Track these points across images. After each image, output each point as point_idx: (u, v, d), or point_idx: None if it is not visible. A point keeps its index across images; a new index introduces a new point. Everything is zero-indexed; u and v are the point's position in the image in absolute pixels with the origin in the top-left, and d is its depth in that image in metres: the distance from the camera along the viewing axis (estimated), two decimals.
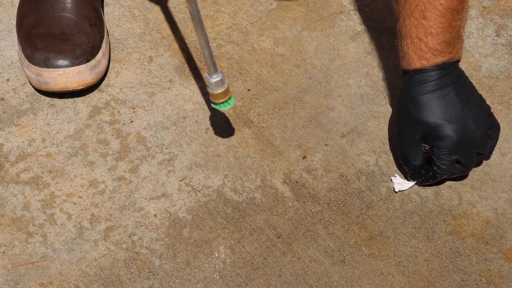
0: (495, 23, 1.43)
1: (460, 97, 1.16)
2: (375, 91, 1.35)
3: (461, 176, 1.24)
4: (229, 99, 1.18)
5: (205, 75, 1.17)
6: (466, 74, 1.19)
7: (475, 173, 1.25)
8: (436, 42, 1.13)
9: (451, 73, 1.16)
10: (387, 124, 1.31)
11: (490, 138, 1.20)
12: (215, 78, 1.16)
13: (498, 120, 1.24)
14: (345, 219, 1.21)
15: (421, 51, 1.15)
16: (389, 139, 1.29)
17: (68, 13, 1.32)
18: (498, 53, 1.38)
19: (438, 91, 1.15)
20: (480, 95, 1.19)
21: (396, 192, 1.23)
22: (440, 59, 1.15)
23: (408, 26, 1.15)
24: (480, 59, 1.38)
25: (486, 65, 1.37)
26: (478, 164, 1.25)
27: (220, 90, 1.17)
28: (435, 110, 1.15)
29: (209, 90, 1.18)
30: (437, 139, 1.16)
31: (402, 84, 1.19)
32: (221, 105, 1.19)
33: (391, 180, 1.24)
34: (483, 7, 1.45)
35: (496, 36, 1.41)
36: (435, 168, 1.18)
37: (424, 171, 1.20)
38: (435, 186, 1.24)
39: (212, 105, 1.20)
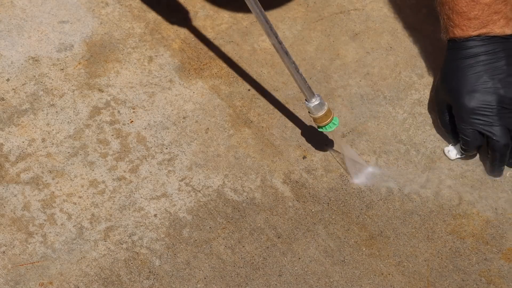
0: None
1: (488, 68, 1.19)
2: (375, 91, 1.35)
3: (461, 176, 1.24)
4: (332, 119, 1.19)
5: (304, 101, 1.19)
6: None
7: (475, 173, 1.25)
8: (462, 19, 1.18)
9: (486, 45, 1.19)
10: (387, 124, 1.31)
11: None
12: (313, 103, 1.17)
13: None
14: (345, 219, 1.21)
15: (451, 27, 1.20)
16: (389, 138, 1.29)
17: None
18: None
19: (463, 60, 1.19)
20: None
21: (452, 159, 1.25)
22: (468, 33, 1.18)
23: (440, 5, 1.21)
24: None
25: None
26: None
27: (321, 113, 1.18)
28: (452, 76, 1.20)
29: (311, 115, 1.19)
30: (453, 105, 1.21)
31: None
32: (326, 126, 1.19)
33: (444, 152, 1.26)
34: None
35: None
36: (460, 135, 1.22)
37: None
38: (435, 186, 1.24)
39: (319, 129, 1.21)
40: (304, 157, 1.27)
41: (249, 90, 1.35)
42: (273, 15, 1.44)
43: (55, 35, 1.42)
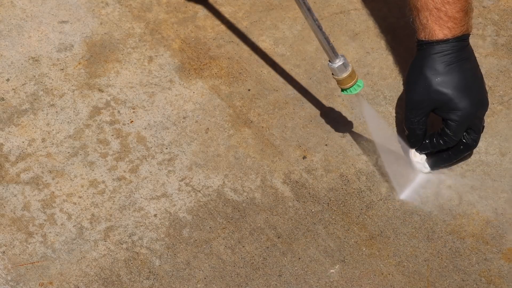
0: (495, 23, 1.43)
1: (474, 72, 1.19)
2: (375, 91, 1.35)
3: (461, 176, 1.24)
4: (357, 81, 1.14)
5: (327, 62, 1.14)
6: None
7: (475, 173, 1.25)
8: (455, 10, 1.16)
9: (467, 47, 1.18)
10: (387, 124, 1.31)
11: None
12: (337, 63, 1.13)
13: (498, 120, 1.24)
14: (345, 219, 1.21)
15: (442, 21, 1.17)
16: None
17: None
18: (498, 53, 1.38)
19: (457, 63, 1.17)
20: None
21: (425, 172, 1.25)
22: (460, 30, 1.17)
23: None
24: (480, 59, 1.38)
25: (486, 65, 1.37)
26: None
27: (344, 75, 1.14)
28: (455, 81, 1.17)
29: (334, 77, 1.14)
30: (452, 110, 1.18)
31: (420, 54, 1.19)
32: (350, 89, 1.14)
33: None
34: (483, 7, 1.45)
35: (496, 36, 1.41)
36: (445, 138, 1.20)
37: (428, 141, 1.21)
38: (435, 186, 1.24)
39: (342, 92, 1.16)
40: (304, 157, 1.27)
41: (249, 90, 1.35)
42: (273, 15, 1.44)
43: (55, 35, 1.42)
